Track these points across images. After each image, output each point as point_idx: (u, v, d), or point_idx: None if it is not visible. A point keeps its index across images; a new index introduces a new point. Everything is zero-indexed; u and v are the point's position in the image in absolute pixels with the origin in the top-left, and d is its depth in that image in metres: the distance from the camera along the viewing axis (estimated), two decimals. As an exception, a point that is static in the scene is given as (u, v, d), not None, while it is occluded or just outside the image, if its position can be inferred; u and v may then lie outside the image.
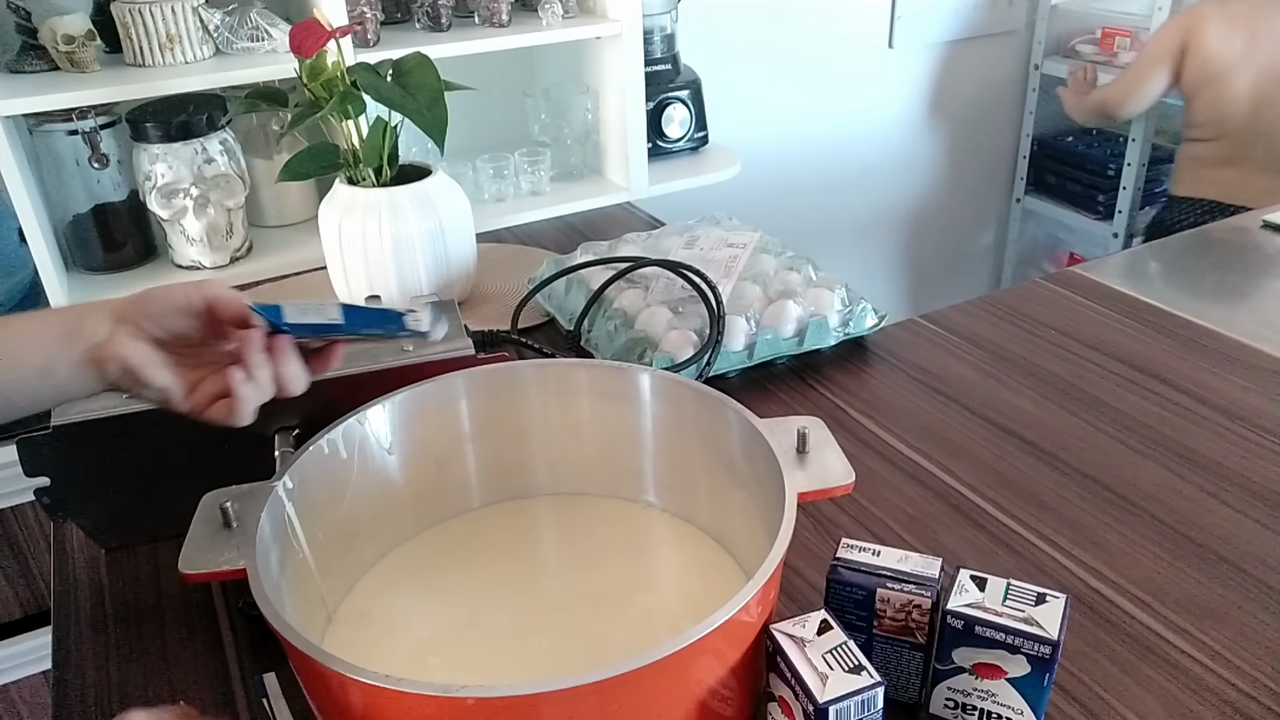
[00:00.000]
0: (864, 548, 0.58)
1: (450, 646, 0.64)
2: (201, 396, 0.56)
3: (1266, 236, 1.26)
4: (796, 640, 0.52)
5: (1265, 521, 0.74)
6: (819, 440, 0.62)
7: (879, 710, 0.49)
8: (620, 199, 1.43)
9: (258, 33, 1.20)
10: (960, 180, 2.22)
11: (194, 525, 0.57)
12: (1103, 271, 1.15)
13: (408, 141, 1.25)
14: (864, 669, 0.50)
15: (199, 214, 1.19)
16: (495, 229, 1.35)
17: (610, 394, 0.71)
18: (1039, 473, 0.80)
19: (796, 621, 0.53)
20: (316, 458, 0.63)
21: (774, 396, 0.92)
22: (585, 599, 0.67)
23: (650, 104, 1.47)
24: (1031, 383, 0.93)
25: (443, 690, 0.44)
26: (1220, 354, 0.96)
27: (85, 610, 0.71)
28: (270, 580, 0.54)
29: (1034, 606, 0.54)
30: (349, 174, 1.04)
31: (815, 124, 1.96)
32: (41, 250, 1.11)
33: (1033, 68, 2.14)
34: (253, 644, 0.67)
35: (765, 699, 0.55)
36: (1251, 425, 0.85)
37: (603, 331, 0.97)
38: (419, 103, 0.97)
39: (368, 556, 0.69)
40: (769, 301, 0.98)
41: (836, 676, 0.49)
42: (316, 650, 0.47)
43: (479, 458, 0.73)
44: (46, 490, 0.72)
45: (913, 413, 0.89)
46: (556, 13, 1.32)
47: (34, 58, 1.16)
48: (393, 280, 1.04)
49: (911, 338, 1.02)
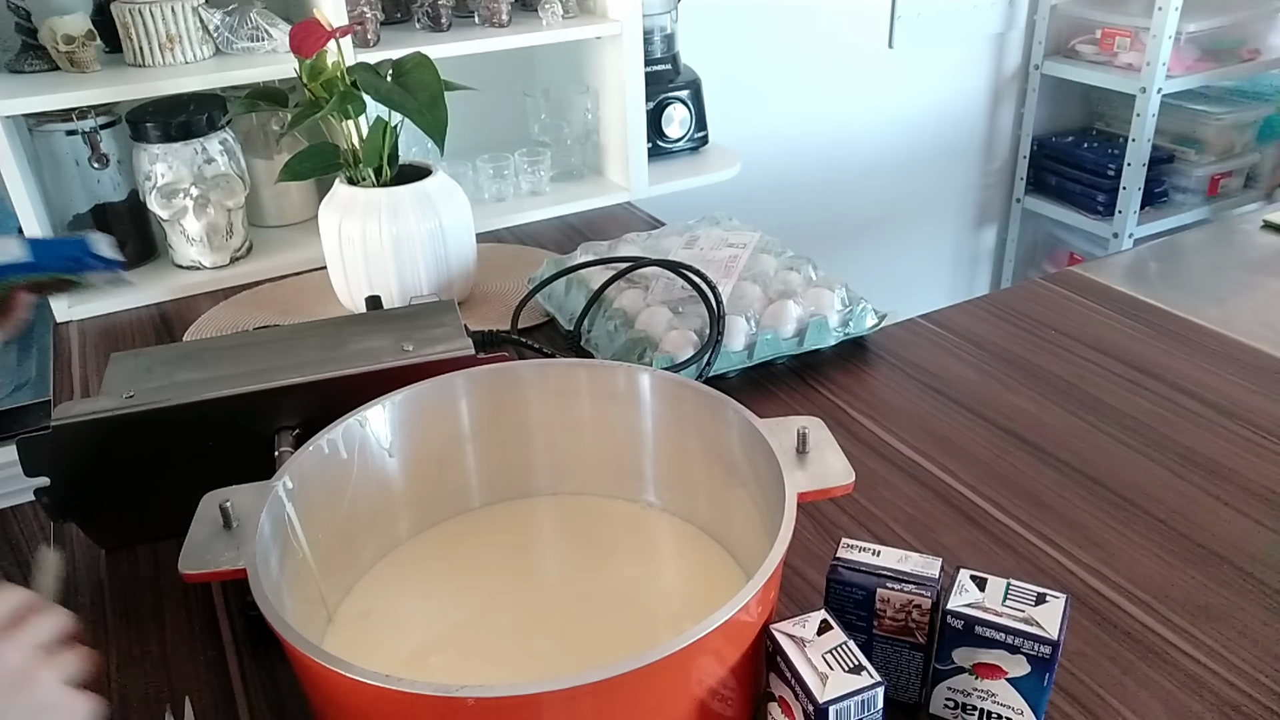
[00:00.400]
0: (864, 548, 0.58)
1: (450, 646, 0.64)
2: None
3: (1266, 236, 1.26)
4: (796, 640, 0.52)
5: (1265, 521, 0.74)
6: (819, 440, 0.62)
7: (879, 710, 0.50)
8: (620, 199, 1.43)
9: (258, 33, 1.20)
10: (960, 180, 2.22)
11: (194, 525, 0.57)
12: (1103, 271, 1.15)
13: (408, 141, 1.25)
14: (864, 669, 0.50)
15: (199, 214, 1.19)
16: (495, 229, 1.35)
17: (610, 394, 0.71)
18: (1039, 473, 0.80)
19: (796, 621, 0.53)
20: (316, 458, 0.63)
21: (774, 396, 0.92)
22: (585, 599, 0.68)
23: (650, 104, 1.46)
24: (1031, 383, 0.93)
25: (443, 690, 0.44)
26: (1220, 354, 0.96)
27: (85, 610, 0.71)
28: (270, 580, 0.54)
29: (1034, 606, 0.54)
30: (349, 174, 1.04)
31: (815, 124, 1.96)
32: (41, 250, 1.11)
33: (1033, 68, 2.14)
34: (253, 644, 0.67)
35: (765, 699, 0.55)
36: (1251, 425, 0.85)
37: (603, 331, 0.97)
38: (419, 103, 0.97)
39: (368, 556, 0.69)
40: (769, 301, 0.98)
41: (836, 676, 0.49)
42: (316, 650, 0.47)
43: (479, 458, 0.73)
44: (46, 490, 0.72)
45: (913, 413, 0.89)
46: (556, 13, 1.32)
47: (34, 58, 1.16)
48: (393, 280, 1.04)
49: (911, 338, 1.02)
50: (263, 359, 0.77)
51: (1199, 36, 1.97)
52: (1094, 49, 2.08)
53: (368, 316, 0.86)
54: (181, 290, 1.20)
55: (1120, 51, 2.02)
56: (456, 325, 0.81)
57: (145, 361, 0.78)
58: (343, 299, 1.11)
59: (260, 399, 0.74)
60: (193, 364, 0.77)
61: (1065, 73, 2.09)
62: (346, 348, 0.78)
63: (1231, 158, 2.13)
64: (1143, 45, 1.94)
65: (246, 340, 0.81)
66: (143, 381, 0.74)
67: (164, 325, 1.13)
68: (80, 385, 1.02)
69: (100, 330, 1.13)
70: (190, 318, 1.14)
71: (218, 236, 1.21)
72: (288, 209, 1.37)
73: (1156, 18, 1.88)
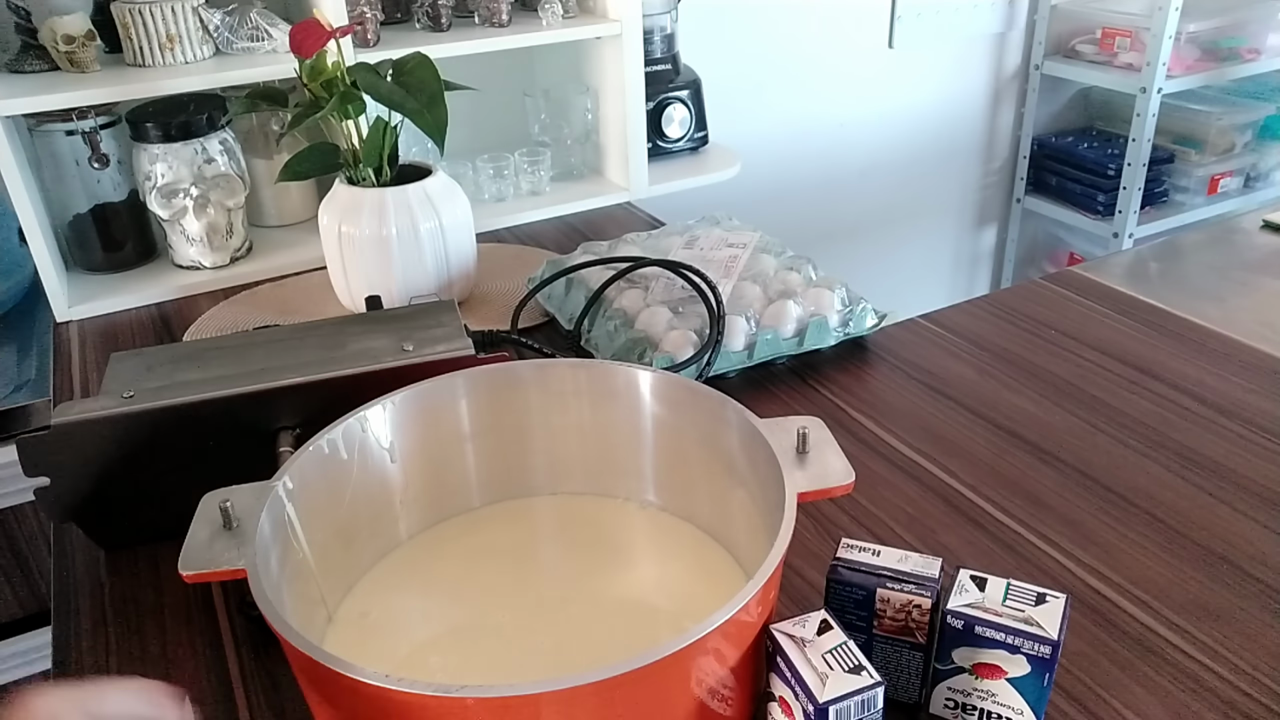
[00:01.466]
0: (864, 548, 0.58)
1: (450, 646, 0.64)
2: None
3: (1266, 236, 1.26)
4: (797, 640, 0.52)
5: (1265, 521, 0.74)
6: (819, 440, 0.62)
7: (879, 710, 0.50)
8: (620, 199, 1.43)
9: (258, 33, 1.20)
10: (960, 180, 2.22)
11: (194, 525, 0.57)
12: (1103, 271, 1.16)
13: (408, 141, 1.25)
14: (864, 669, 0.50)
15: (199, 214, 1.19)
16: (495, 229, 1.35)
17: (610, 394, 0.71)
18: (1039, 473, 0.80)
19: (796, 621, 0.53)
20: (316, 458, 0.63)
21: (774, 396, 0.92)
22: (585, 599, 0.68)
23: (650, 104, 1.46)
24: (1031, 383, 0.93)
25: (443, 690, 0.44)
26: (1220, 354, 0.96)
27: (85, 610, 0.71)
28: (270, 580, 0.54)
29: (1034, 606, 0.54)
30: (349, 174, 1.04)
31: (815, 124, 1.96)
32: (41, 250, 1.11)
33: (1033, 68, 2.14)
34: (253, 644, 0.67)
35: (765, 699, 0.55)
36: (1251, 425, 0.85)
37: (603, 331, 0.97)
38: (419, 103, 0.97)
39: (368, 556, 0.69)
40: (769, 301, 0.98)
41: (836, 676, 0.49)
42: (316, 650, 0.47)
43: (479, 458, 0.73)
44: (46, 490, 0.72)
45: (913, 413, 0.89)
46: (556, 13, 1.32)
47: (34, 58, 1.16)
48: (393, 280, 1.04)
49: (911, 338, 1.02)
50: (263, 359, 0.77)
51: (1199, 36, 1.97)
52: (1094, 49, 2.08)
53: (368, 316, 0.86)
54: (181, 290, 1.20)
55: (1120, 51, 2.02)
56: (456, 325, 0.81)
57: (145, 361, 0.78)
58: (343, 299, 1.11)
59: (260, 399, 0.74)
60: (193, 364, 0.77)
61: (1065, 72, 2.09)
62: (346, 348, 0.78)
63: (1231, 158, 2.13)
64: (1143, 45, 1.94)
65: (246, 340, 0.81)
66: (143, 381, 0.75)
67: (164, 325, 1.13)
68: (80, 385, 1.02)
69: (100, 330, 1.13)
70: (190, 318, 1.14)
71: (218, 236, 1.21)
72: (288, 209, 1.37)
73: (1156, 18, 1.88)
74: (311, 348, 0.79)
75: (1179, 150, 2.12)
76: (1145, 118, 1.95)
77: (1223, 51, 2.02)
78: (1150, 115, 1.95)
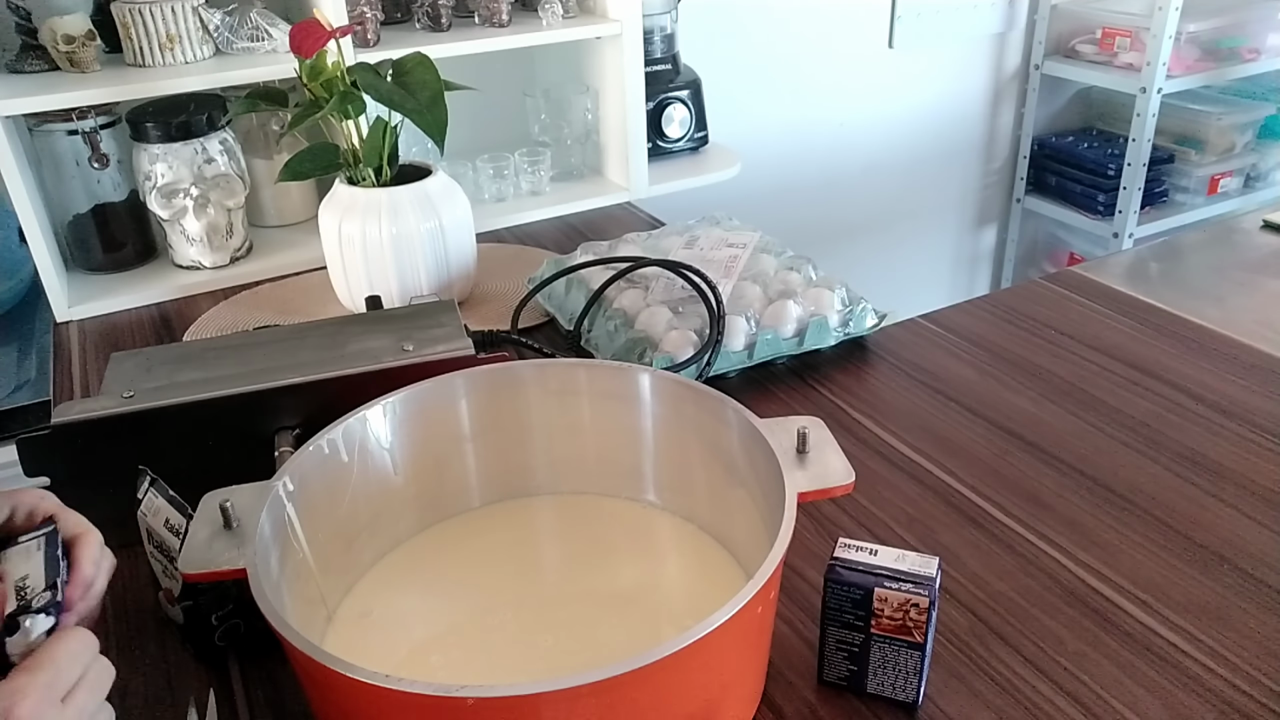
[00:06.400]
0: (861, 547, 0.58)
1: (450, 646, 0.64)
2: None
3: (1266, 236, 1.26)
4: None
5: (1265, 521, 0.74)
6: (819, 440, 0.62)
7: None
8: (620, 199, 1.43)
9: (258, 33, 1.20)
10: (960, 180, 2.22)
11: (194, 525, 0.57)
12: (1103, 271, 1.15)
13: (408, 141, 1.25)
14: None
15: (199, 214, 1.19)
16: (495, 229, 1.35)
17: (610, 394, 0.71)
18: (1039, 473, 0.80)
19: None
20: (316, 458, 0.63)
21: (774, 396, 0.92)
22: (585, 599, 0.68)
23: (650, 104, 1.46)
24: (1031, 383, 0.93)
25: (443, 690, 0.44)
26: (1220, 354, 0.96)
27: (85, 610, 0.71)
28: (270, 580, 0.54)
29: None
30: (349, 174, 1.04)
31: (815, 124, 1.96)
32: (41, 250, 1.11)
33: (1033, 68, 2.14)
34: (253, 644, 0.67)
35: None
36: (1251, 425, 0.85)
37: (603, 331, 0.97)
38: (419, 103, 0.97)
39: (368, 556, 0.69)
40: (769, 301, 0.98)
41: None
42: (316, 650, 0.47)
43: (479, 458, 0.73)
44: (46, 490, 0.72)
45: (913, 413, 0.89)
46: (556, 13, 1.32)
47: (34, 58, 1.16)
48: (393, 280, 1.04)
49: (911, 338, 1.02)
50: (263, 359, 0.77)
51: (1199, 36, 1.97)
52: (1094, 49, 2.08)
53: (368, 316, 0.86)
54: (181, 290, 1.20)
55: (1120, 51, 2.02)
56: (456, 325, 0.81)
57: (145, 361, 0.78)
58: (343, 299, 1.11)
59: (260, 399, 0.74)
60: (193, 364, 0.77)
61: (1065, 72, 2.09)
62: (346, 348, 0.78)
63: (1232, 158, 2.13)
64: (1143, 45, 1.94)
65: (246, 340, 0.81)
66: (143, 381, 0.75)
67: (164, 325, 1.13)
68: (80, 385, 1.02)
69: (100, 330, 1.13)
70: (190, 318, 1.14)
71: (218, 236, 1.21)
72: (288, 209, 1.37)
73: (1156, 18, 1.88)
74: (311, 348, 0.79)
75: (1179, 150, 2.12)
76: (1145, 118, 1.95)
77: (1223, 51, 2.02)
78: (1150, 115, 1.95)
